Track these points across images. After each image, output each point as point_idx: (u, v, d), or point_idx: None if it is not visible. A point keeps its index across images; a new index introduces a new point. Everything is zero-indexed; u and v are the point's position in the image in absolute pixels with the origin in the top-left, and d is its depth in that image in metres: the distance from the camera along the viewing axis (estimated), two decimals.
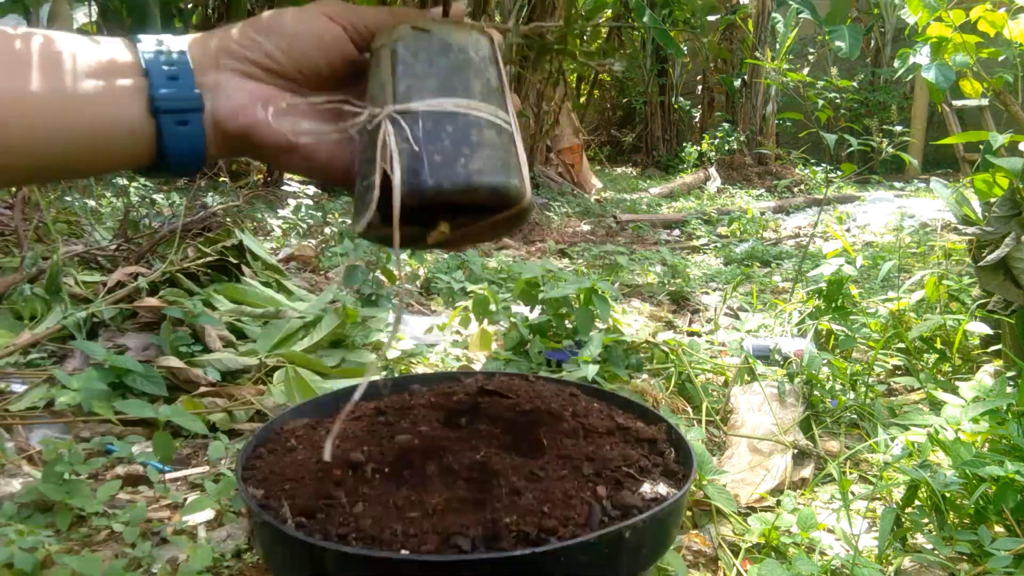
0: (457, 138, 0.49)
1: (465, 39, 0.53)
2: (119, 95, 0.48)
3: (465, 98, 0.50)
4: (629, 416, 0.74)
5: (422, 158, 0.48)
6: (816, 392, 1.91)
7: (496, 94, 0.53)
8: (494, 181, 0.49)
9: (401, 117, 0.49)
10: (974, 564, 1.21)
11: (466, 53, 0.52)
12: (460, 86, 0.51)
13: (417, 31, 0.52)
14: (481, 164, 0.49)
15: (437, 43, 0.52)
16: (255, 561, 1.21)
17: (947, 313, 2.30)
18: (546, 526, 0.52)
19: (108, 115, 0.47)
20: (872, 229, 5.06)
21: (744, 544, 1.29)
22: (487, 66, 0.53)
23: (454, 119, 0.49)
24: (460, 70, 0.51)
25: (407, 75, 0.50)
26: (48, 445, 1.36)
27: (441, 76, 0.51)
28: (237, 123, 0.52)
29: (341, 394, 0.79)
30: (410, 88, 0.50)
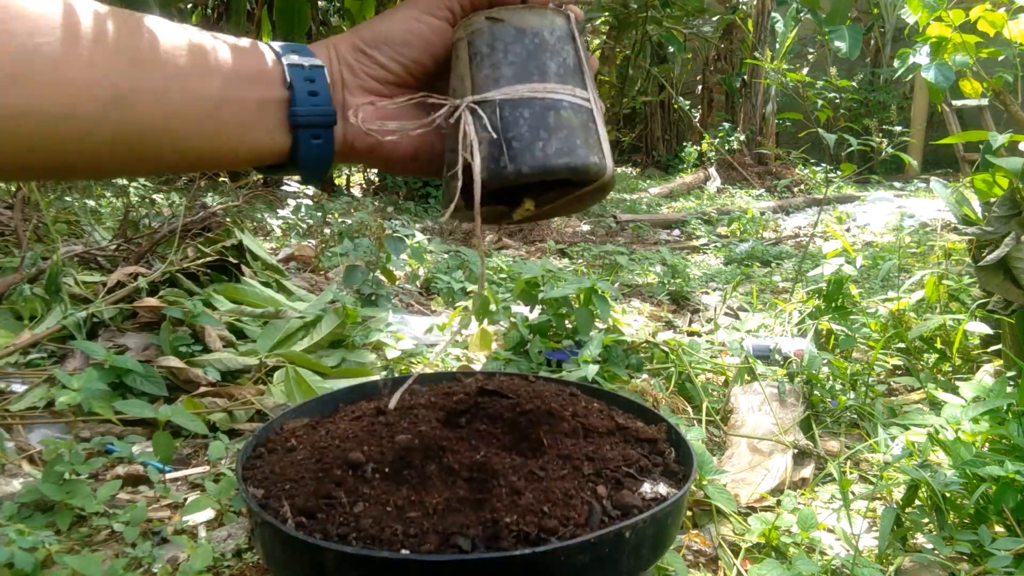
0: (534, 123, 0.50)
1: (539, 22, 0.54)
2: (265, 105, 0.50)
3: (541, 82, 0.52)
4: (629, 416, 0.74)
5: (501, 145, 0.50)
6: (816, 392, 1.91)
7: (574, 72, 0.54)
8: (572, 161, 0.51)
9: (479, 107, 0.51)
10: (974, 564, 1.21)
11: (540, 36, 0.53)
12: (536, 70, 0.52)
13: (491, 20, 0.53)
14: (559, 145, 0.50)
15: (511, 30, 0.53)
16: (255, 561, 1.21)
17: (947, 313, 2.30)
18: (546, 526, 0.52)
19: (251, 123, 0.49)
20: (872, 229, 5.06)
21: (744, 544, 1.29)
22: (564, 45, 0.54)
23: (530, 104, 0.51)
24: (535, 54, 0.53)
25: (483, 65, 0.52)
26: (48, 445, 1.36)
27: (516, 63, 0.52)
28: (365, 143, 0.55)
29: (341, 394, 0.79)
30: (486, 78, 0.52)
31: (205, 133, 0.47)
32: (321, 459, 0.61)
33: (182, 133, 0.46)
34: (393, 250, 2.53)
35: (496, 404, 0.69)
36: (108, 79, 0.43)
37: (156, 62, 0.45)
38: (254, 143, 0.50)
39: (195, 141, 0.47)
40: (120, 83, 0.43)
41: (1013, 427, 1.40)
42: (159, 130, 0.45)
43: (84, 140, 0.43)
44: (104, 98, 0.43)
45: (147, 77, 0.44)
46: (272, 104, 0.50)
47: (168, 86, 0.45)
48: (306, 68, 0.51)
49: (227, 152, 0.49)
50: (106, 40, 0.43)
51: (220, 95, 0.47)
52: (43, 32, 0.41)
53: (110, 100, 0.43)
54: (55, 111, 0.41)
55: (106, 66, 0.43)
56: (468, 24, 0.54)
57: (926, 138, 8.39)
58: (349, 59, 0.54)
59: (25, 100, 0.40)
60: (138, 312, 2.02)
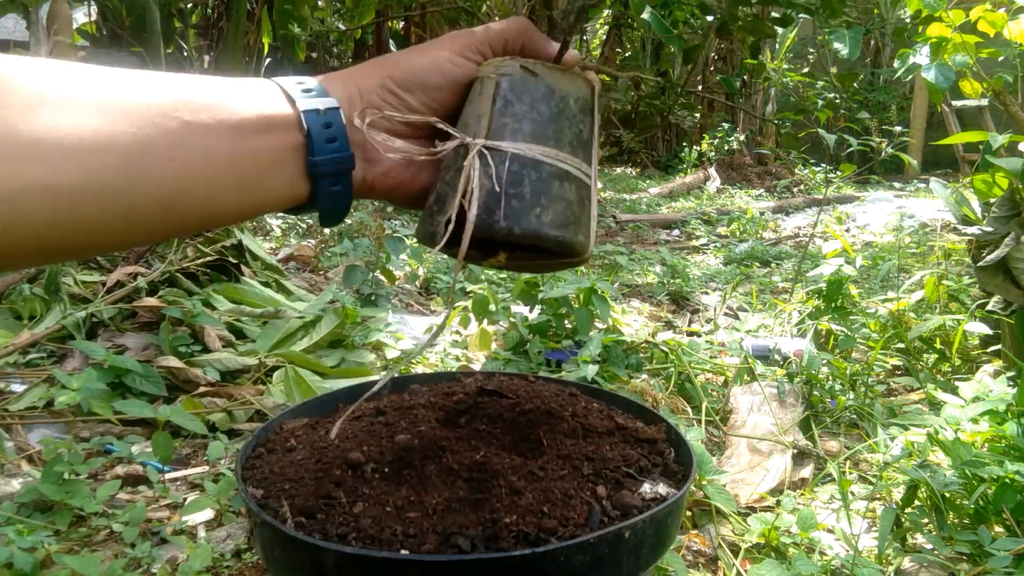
0: (537, 188, 0.50)
1: (569, 88, 0.54)
2: (282, 154, 0.48)
3: (555, 148, 0.52)
4: (629, 416, 0.73)
5: (500, 199, 0.49)
6: (816, 392, 1.91)
7: (585, 145, 0.54)
8: (562, 236, 0.51)
9: (489, 153, 0.50)
10: (974, 564, 1.21)
11: (566, 102, 0.53)
12: (553, 135, 0.52)
13: (526, 72, 0.52)
14: (554, 217, 0.50)
15: (542, 88, 0.52)
16: (255, 561, 1.21)
17: (947, 313, 2.30)
18: (546, 526, 0.52)
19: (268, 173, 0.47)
20: (872, 229, 5.06)
21: (744, 544, 1.29)
22: (584, 116, 0.54)
23: (539, 168, 0.51)
24: (557, 119, 0.53)
25: (505, 113, 0.51)
26: (48, 445, 1.36)
27: (537, 122, 0.52)
28: (385, 184, 0.54)
29: (341, 394, 0.79)
30: (505, 127, 0.51)
31: (221, 188, 0.45)
32: (321, 459, 0.61)
33: (197, 191, 0.44)
34: (393, 250, 2.53)
35: (496, 404, 0.69)
36: (115, 143, 0.41)
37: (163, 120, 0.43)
38: (272, 193, 0.48)
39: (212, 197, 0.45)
40: (128, 147, 0.41)
41: (1013, 427, 1.40)
42: (174, 191, 0.43)
43: (103, 211, 0.41)
44: (114, 165, 0.40)
45: (156, 137, 0.42)
46: (289, 152, 0.48)
47: (178, 143, 0.43)
48: (322, 112, 0.48)
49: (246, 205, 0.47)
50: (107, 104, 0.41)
51: (234, 147, 0.45)
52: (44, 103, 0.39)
53: (119, 165, 0.41)
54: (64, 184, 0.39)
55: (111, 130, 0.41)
56: (501, 65, 0.53)
57: (926, 138, 8.40)
58: (375, 98, 0.52)
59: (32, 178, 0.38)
60: (137, 312, 2.02)
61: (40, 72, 0.40)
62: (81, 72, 0.42)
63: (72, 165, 0.39)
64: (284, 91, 0.49)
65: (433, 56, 0.53)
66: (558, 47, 0.56)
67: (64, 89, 0.40)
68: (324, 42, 7.29)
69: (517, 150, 0.51)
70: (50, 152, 0.38)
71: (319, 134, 0.48)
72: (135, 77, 0.44)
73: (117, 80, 0.43)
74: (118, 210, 0.41)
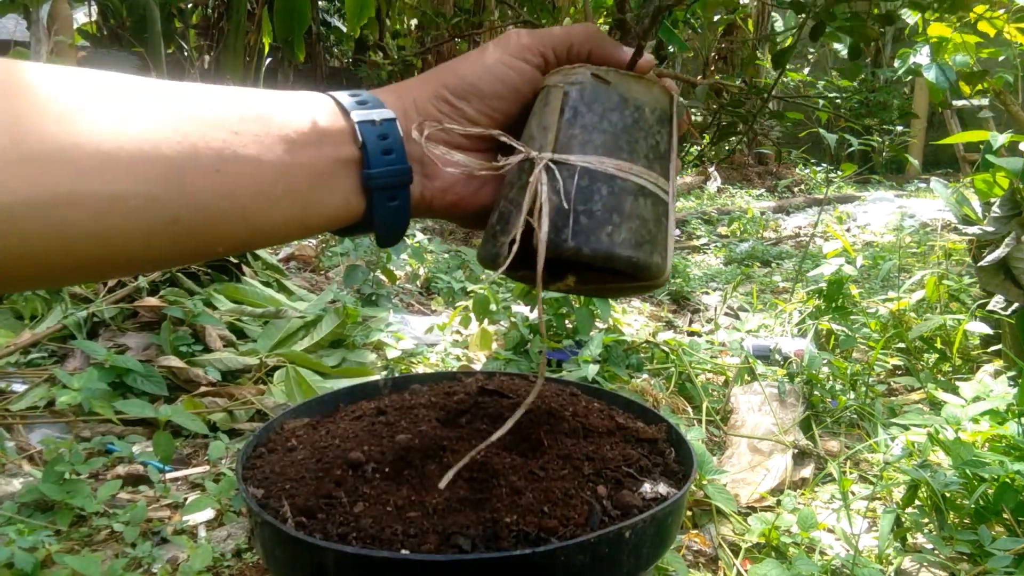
0: (610, 203, 0.46)
1: (644, 96, 0.49)
2: (336, 168, 0.45)
3: (628, 161, 0.47)
4: (629, 416, 0.74)
5: (568, 216, 0.46)
6: (816, 392, 1.91)
7: (662, 159, 0.50)
8: (636, 256, 0.47)
9: (557, 167, 0.47)
10: (974, 564, 1.21)
11: (641, 112, 0.49)
12: (627, 147, 0.48)
13: (596, 79, 0.48)
14: (628, 236, 0.46)
15: (614, 97, 0.48)
16: (255, 561, 1.21)
17: (947, 313, 2.30)
18: (546, 526, 0.52)
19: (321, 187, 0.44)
20: (872, 229, 5.06)
21: (744, 544, 1.29)
22: (660, 128, 0.50)
23: (611, 182, 0.47)
24: (631, 130, 0.48)
25: (574, 124, 0.48)
26: (48, 445, 1.36)
27: (609, 133, 0.48)
28: (445, 200, 0.51)
29: (342, 394, 0.79)
30: (573, 139, 0.47)
31: (271, 202, 0.42)
32: (321, 459, 0.61)
33: (246, 204, 0.41)
34: (393, 250, 2.53)
35: (497, 404, 0.69)
36: (158, 151, 0.38)
37: (209, 129, 0.40)
38: (325, 208, 0.45)
39: (261, 212, 0.42)
40: (173, 156, 0.38)
41: (1013, 427, 1.41)
42: (220, 204, 0.40)
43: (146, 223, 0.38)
44: (157, 174, 0.38)
45: (202, 147, 0.39)
46: (343, 165, 0.45)
47: (226, 154, 0.40)
48: (378, 124, 0.46)
49: (298, 221, 0.44)
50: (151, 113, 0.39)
51: (285, 159, 0.42)
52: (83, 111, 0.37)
53: (163, 175, 0.38)
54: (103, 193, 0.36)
55: (154, 138, 0.38)
56: (570, 73, 0.49)
57: (926, 138, 8.39)
58: (430, 109, 0.49)
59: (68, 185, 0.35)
60: (139, 311, 2.03)
61: (82, 81, 0.38)
62: (125, 82, 0.40)
63: (110, 173, 0.36)
64: (337, 103, 0.46)
65: (488, 60, 0.50)
66: (631, 53, 0.52)
67: (106, 98, 0.38)
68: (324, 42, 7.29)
69: (587, 163, 0.47)
70: (87, 159, 0.36)
71: (375, 146, 0.45)
72: (181, 88, 0.42)
73: (162, 90, 0.41)
74: (162, 222, 0.39)
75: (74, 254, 0.37)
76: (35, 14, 3.11)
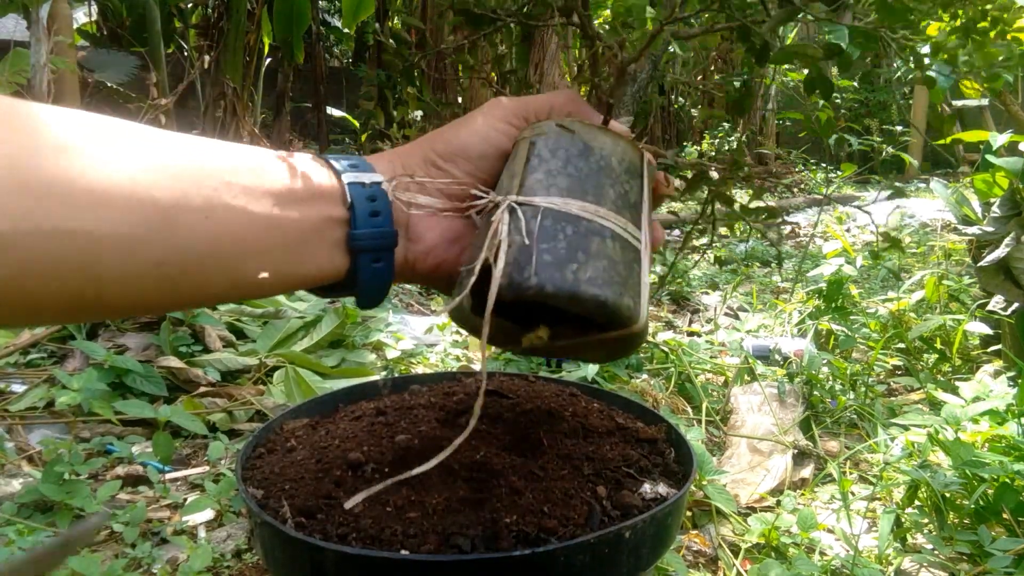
0: (574, 242, 0.45)
1: (610, 146, 0.49)
2: (323, 226, 0.46)
3: (594, 204, 0.46)
4: (629, 416, 0.74)
5: (531, 254, 0.44)
6: (816, 392, 1.91)
7: (632, 208, 0.49)
8: (603, 295, 0.44)
9: (520, 208, 0.46)
10: (974, 564, 1.21)
11: (607, 160, 0.49)
12: (592, 191, 0.47)
13: (561, 129, 0.49)
14: (593, 274, 0.44)
15: (580, 144, 0.48)
16: (255, 561, 1.21)
17: (947, 313, 2.30)
18: (546, 526, 0.52)
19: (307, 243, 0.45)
20: (872, 229, 5.05)
21: (744, 544, 1.29)
22: (629, 178, 0.49)
23: (576, 222, 0.46)
24: (596, 175, 0.48)
25: (538, 169, 0.48)
26: (48, 445, 1.36)
27: (574, 177, 0.47)
28: (427, 264, 0.51)
29: (341, 394, 0.79)
30: (538, 183, 0.47)
31: (255, 253, 0.43)
32: (321, 459, 0.61)
33: (232, 254, 0.42)
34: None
35: (496, 404, 0.69)
36: (150, 194, 0.39)
37: (202, 177, 0.41)
38: (309, 265, 0.46)
39: (245, 264, 0.43)
40: (164, 200, 0.39)
41: (1013, 427, 1.40)
42: (207, 252, 0.41)
43: (127, 264, 0.39)
44: (147, 216, 0.38)
45: (193, 193, 0.40)
46: (330, 224, 0.46)
47: (215, 202, 0.41)
48: (367, 186, 0.47)
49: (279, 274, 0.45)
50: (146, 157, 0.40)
51: (273, 213, 0.43)
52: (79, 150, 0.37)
53: (153, 218, 0.39)
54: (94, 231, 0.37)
55: (147, 181, 0.39)
56: (536, 126, 0.50)
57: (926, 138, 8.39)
58: (419, 173, 0.50)
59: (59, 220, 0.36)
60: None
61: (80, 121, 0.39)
62: (122, 126, 0.41)
63: (101, 212, 0.37)
64: (330, 164, 0.48)
65: (475, 125, 0.52)
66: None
67: (103, 139, 0.39)
68: (324, 42, 7.29)
69: (551, 204, 0.46)
70: (78, 197, 0.36)
71: (363, 208, 0.46)
72: (178, 137, 0.43)
73: (159, 138, 0.42)
74: (148, 264, 0.39)
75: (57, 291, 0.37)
76: (35, 14, 3.11)
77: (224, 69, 4.93)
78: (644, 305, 0.47)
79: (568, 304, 0.44)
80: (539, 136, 0.49)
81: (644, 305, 0.47)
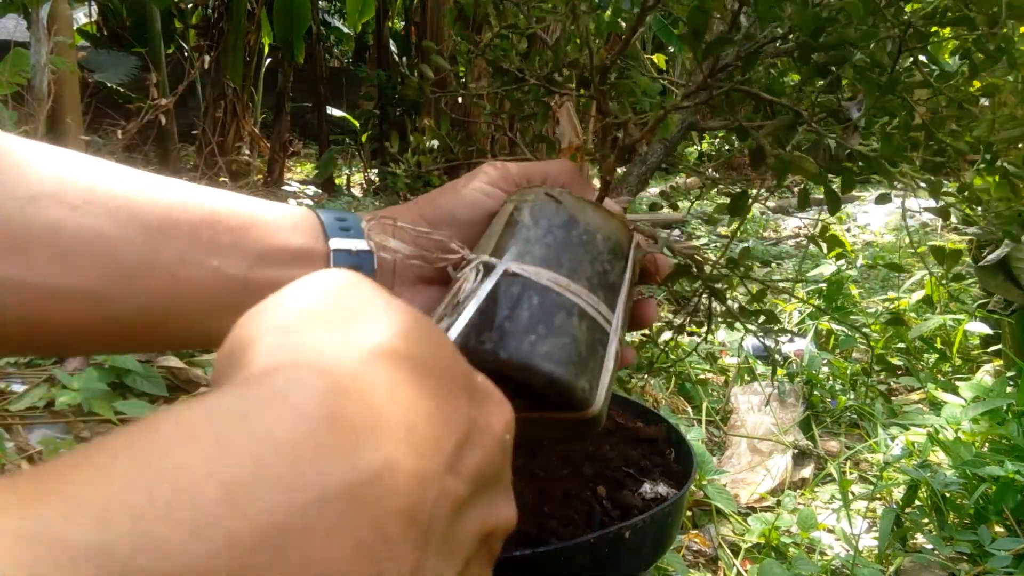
0: (538, 315, 0.44)
1: (598, 222, 0.48)
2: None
3: (567, 278, 0.45)
4: (629, 416, 0.74)
5: (491, 319, 0.44)
6: (816, 392, 1.91)
7: (608, 289, 0.47)
8: (557, 372, 0.43)
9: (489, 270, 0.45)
10: (974, 564, 1.21)
11: (592, 236, 0.47)
12: (568, 264, 0.46)
13: (548, 197, 0.48)
14: (551, 349, 0.43)
15: (564, 215, 0.47)
16: None
17: (947, 313, 2.30)
18: (546, 526, 0.52)
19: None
20: (872, 229, 5.06)
21: (744, 544, 1.29)
22: (613, 258, 0.48)
23: (544, 293, 0.44)
24: (576, 249, 0.46)
25: (516, 235, 0.46)
26: (48, 445, 1.36)
27: (552, 248, 0.46)
28: None
29: None
30: (512, 247, 0.46)
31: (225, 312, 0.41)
32: None
33: (198, 312, 0.41)
34: None
35: None
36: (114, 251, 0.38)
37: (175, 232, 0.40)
38: None
39: (212, 320, 0.42)
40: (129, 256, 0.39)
41: (1013, 427, 1.41)
42: (167, 310, 0.40)
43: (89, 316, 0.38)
44: (109, 272, 0.38)
45: (163, 249, 0.39)
46: None
47: (187, 260, 0.40)
48: (353, 254, 0.46)
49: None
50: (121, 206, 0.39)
51: (249, 275, 0.42)
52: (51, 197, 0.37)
53: (115, 275, 0.38)
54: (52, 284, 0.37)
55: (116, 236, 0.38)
56: (525, 191, 0.49)
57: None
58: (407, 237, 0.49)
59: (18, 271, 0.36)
60: None
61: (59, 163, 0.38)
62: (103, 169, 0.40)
63: (59, 266, 0.37)
64: (321, 224, 0.47)
65: (467, 190, 0.51)
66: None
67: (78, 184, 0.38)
68: (324, 42, 7.29)
69: (521, 271, 0.45)
70: (41, 249, 0.36)
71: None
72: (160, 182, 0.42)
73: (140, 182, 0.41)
74: (98, 320, 0.39)
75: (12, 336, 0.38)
76: (35, 14, 3.11)
77: (224, 69, 4.93)
78: (603, 390, 0.46)
79: (520, 375, 0.43)
80: (524, 202, 0.48)
81: (603, 390, 0.46)
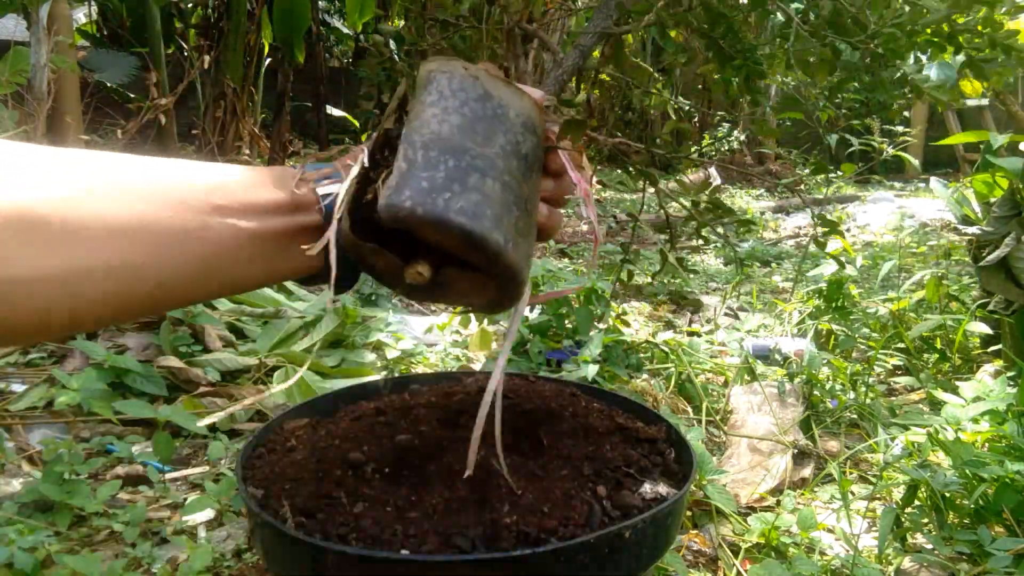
0: (453, 174, 0.47)
1: (511, 98, 0.51)
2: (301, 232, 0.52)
3: (481, 147, 0.49)
4: (629, 416, 0.73)
5: (409, 178, 0.47)
6: (816, 392, 1.91)
7: (521, 159, 0.51)
8: (470, 225, 0.46)
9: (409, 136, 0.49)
10: (974, 564, 1.21)
11: (505, 110, 0.51)
12: (483, 133, 0.49)
13: (467, 72, 0.51)
14: (464, 205, 0.46)
15: (480, 89, 0.50)
16: (255, 561, 1.21)
17: (947, 313, 2.30)
18: (546, 526, 0.52)
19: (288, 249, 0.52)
20: (872, 229, 5.06)
21: (744, 544, 1.29)
22: (524, 131, 0.51)
23: (459, 156, 0.48)
24: (490, 121, 0.50)
25: (435, 104, 0.50)
26: (48, 445, 1.36)
27: (468, 117, 0.49)
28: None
29: (341, 394, 0.79)
30: (433, 116, 0.49)
31: (244, 262, 0.50)
32: (321, 459, 0.61)
33: (222, 265, 0.49)
34: None
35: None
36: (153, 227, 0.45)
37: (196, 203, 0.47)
38: (289, 265, 0.53)
39: (234, 270, 0.49)
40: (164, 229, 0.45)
41: (1013, 427, 1.40)
42: (201, 267, 0.47)
43: (137, 288, 0.45)
44: (152, 245, 0.44)
45: (188, 219, 0.46)
46: (307, 231, 0.52)
47: (209, 223, 0.47)
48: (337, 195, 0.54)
49: (266, 274, 0.52)
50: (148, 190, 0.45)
51: (259, 226, 0.50)
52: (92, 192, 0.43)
53: (156, 246, 0.45)
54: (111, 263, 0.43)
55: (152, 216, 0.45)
56: (445, 63, 0.51)
57: (926, 138, 8.39)
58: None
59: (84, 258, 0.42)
60: None
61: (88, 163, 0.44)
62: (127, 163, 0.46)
63: (114, 247, 0.43)
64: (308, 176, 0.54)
65: None
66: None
67: (109, 179, 0.44)
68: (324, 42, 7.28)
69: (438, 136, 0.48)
70: (95, 237, 0.42)
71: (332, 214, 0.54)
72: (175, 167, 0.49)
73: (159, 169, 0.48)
74: (149, 287, 0.45)
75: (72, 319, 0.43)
76: (35, 14, 3.11)
77: (224, 69, 4.93)
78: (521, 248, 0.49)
79: (435, 230, 0.46)
80: (443, 73, 0.51)
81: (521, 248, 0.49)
